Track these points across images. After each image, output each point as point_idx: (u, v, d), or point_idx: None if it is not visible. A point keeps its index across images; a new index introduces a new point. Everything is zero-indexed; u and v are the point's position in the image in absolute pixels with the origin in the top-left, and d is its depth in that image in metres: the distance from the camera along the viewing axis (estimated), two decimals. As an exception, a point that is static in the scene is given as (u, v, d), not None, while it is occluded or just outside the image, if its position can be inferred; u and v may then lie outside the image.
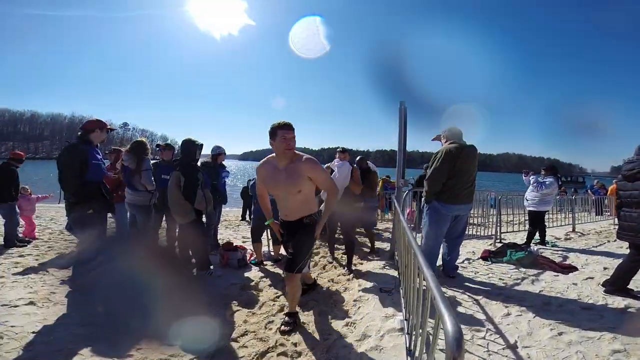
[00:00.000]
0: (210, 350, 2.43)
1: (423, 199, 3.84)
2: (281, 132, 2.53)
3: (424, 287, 1.53)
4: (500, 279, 3.69)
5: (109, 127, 3.58)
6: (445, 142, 3.67)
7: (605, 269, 4.00)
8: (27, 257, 4.46)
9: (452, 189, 3.50)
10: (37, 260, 4.38)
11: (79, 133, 3.42)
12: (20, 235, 5.39)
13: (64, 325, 2.68)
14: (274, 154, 2.68)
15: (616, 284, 3.25)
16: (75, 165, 3.23)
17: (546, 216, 6.11)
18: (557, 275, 3.80)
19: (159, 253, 4.27)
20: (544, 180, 5.62)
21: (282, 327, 2.76)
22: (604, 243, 5.74)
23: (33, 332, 2.53)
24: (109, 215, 3.61)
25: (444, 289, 3.23)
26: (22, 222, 5.58)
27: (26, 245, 5.07)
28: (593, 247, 5.45)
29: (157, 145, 4.97)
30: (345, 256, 4.44)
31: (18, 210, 5.28)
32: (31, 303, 3.02)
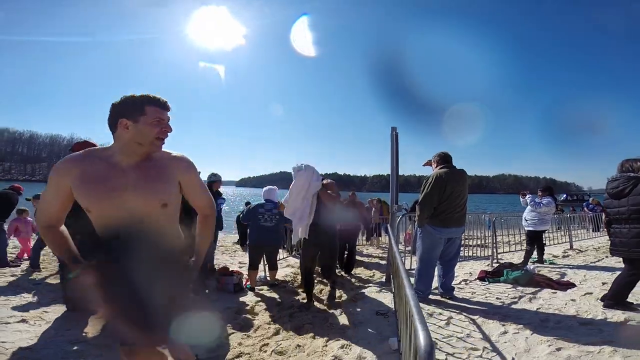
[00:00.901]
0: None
1: (416, 223, 3.86)
2: (153, 109, 1.49)
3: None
4: (497, 298, 3.64)
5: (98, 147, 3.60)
6: (436, 167, 3.74)
7: (604, 284, 3.97)
8: (19, 276, 4.49)
9: (444, 212, 3.55)
10: (29, 279, 4.40)
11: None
12: (15, 256, 5.62)
13: (55, 342, 2.66)
14: (100, 146, 1.66)
15: (615, 298, 3.21)
16: None
17: (544, 235, 6.13)
18: (555, 292, 3.76)
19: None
20: (542, 200, 5.68)
21: None
22: (602, 259, 5.70)
23: (24, 349, 2.52)
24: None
25: (440, 310, 3.23)
26: (18, 244, 5.90)
27: (19, 266, 5.19)
28: (591, 263, 5.42)
29: None
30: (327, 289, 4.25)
31: (6, 230, 5.45)
32: (23, 321, 3.02)
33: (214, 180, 5.21)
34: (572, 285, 4.04)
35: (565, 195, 16.16)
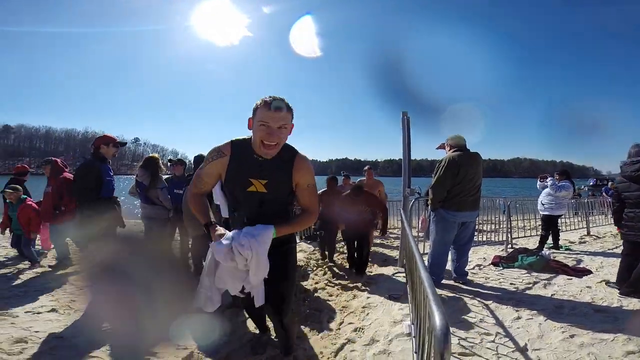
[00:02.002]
0: (222, 354, 2.47)
1: (429, 207, 3.85)
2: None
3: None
4: (511, 283, 3.64)
5: (118, 141, 3.68)
6: (449, 150, 3.69)
7: (620, 271, 3.92)
8: (46, 267, 4.60)
9: (457, 196, 3.52)
10: (56, 270, 4.51)
11: (92, 151, 3.57)
12: (39, 247, 5.49)
13: (84, 331, 2.77)
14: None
15: (633, 285, 3.18)
16: (91, 182, 3.38)
17: (560, 220, 6.05)
18: (571, 279, 3.73)
19: (172, 264, 4.33)
20: (561, 183, 5.58)
21: None
22: (620, 245, 5.60)
23: (56, 337, 2.62)
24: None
25: (452, 294, 3.25)
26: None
27: (46, 256, 5.22)
28: (609, 249, 5.34)
29: (169, 161, 5.08)
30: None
31: None
32: (53, 310, 3.13)
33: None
34: (589, 271, 4.00)
35: (594, 180, 15.62)
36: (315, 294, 3.83)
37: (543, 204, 5.75)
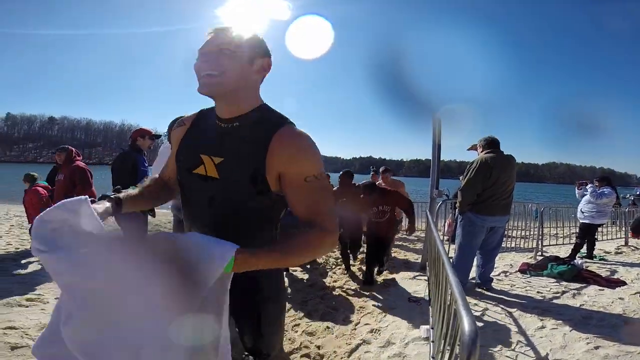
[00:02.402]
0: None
1: (457, 209, 3.81)
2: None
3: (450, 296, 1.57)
4: (538, 292, 3.55)
5: (153, 134, 3.93)
6: (481, 152, 3.64)
7: (657, 284, 3.75)
8: None
9: (488, 200, 3.45)
10: None
11: (129, 142, 3.83)
12: None
13: None
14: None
15: None
16: (128, 171, 3.58)
17: (599, 229, 5.79)
18: (603, 290, 3.59)
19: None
20: (602, 189, 5.36)
21: None
22: (661, 257, 5.32)
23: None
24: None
25: (475, 301, 3.23)
26: None
27: None
28: (646, 261, 5.07)
29: None
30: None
31: None
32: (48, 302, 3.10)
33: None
34: (623, 283, 3.84)
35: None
36: (333, 292, 3.89)
37: (583, 212, 5.50)
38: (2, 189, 15.42)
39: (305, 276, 4.44)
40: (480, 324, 2.76)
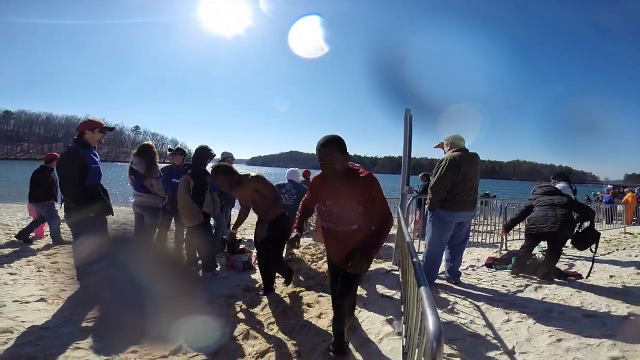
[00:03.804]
0: (212, 348, 2.49)
1: (427, 206, 3.86)
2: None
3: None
4: (503, 285, 3.68)
5: (105, 126, 3.43)
6: (449, 150, 3.71)
7: (611, 277, 3.98)
8: (39, 256, 4.60)
9: (456, 196, 3.53)
10: (48, 258, 4.51)
11: (75, 136, 3.32)
12: (33, 234, 5.65)
13: (72, 321, 2.77)
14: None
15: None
16: (75, 171, 3.12)
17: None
18: (562, 283, 3.78)
19: (165, 254, 4.36)
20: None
21: None
22: (613, 251, 5.68)
23: (42, 328, 2.62)
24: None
25: (445, 295, 3.29)
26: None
27: (32, 243, 5.36)
28: (600, 255, 5.38)
29: (169, 150, 5.08)
30: None
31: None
32: (42, 300, 3.13)
33: (225, 157, 5.30)
34: (579, 276, 4.05)
35: (610, 187, 15.04)
36: (307, 290, 3.87)
37: None
38: None
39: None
40: (450, 318, 2.81)
